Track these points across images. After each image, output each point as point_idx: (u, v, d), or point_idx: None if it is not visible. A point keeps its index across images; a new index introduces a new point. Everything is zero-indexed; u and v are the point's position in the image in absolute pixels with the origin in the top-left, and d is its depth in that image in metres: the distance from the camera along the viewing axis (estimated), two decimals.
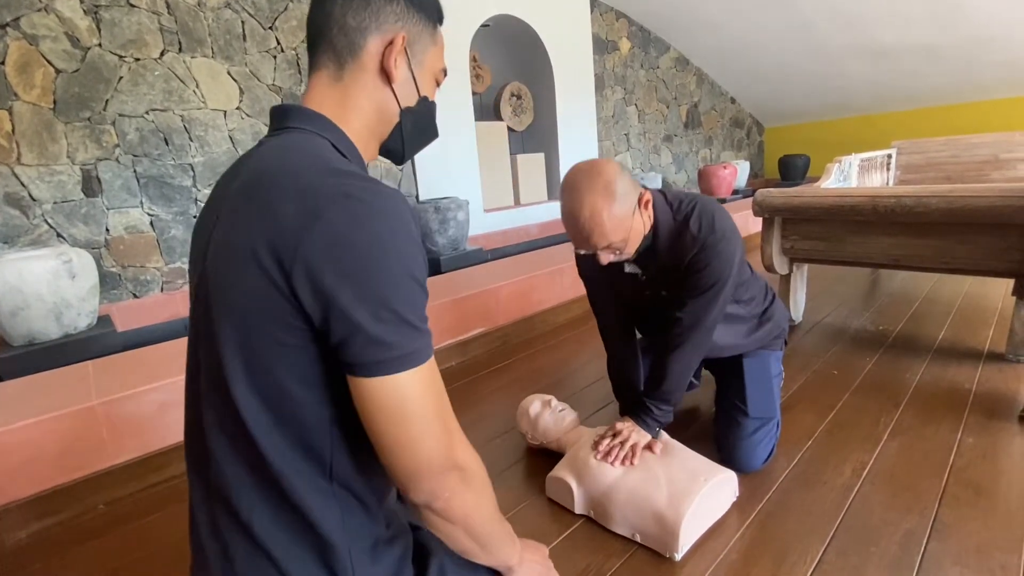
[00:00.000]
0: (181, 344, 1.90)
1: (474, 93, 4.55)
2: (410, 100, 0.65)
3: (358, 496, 0.57)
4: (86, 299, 2.25)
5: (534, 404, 1.45)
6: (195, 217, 3.02)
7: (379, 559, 0.57)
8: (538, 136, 5.26)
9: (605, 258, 1.10)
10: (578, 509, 1.19)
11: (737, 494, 1.20)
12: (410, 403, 0.51)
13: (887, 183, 3.07)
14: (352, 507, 0.56)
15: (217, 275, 0.52)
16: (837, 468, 1.29)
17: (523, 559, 0.72)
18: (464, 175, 4.34)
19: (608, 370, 1.44)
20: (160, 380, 1.53)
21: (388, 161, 3.19)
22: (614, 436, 1.22)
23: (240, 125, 3.14)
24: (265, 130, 3.22)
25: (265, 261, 0.48)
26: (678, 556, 1.03)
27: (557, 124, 5.10)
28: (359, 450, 0.56)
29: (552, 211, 5.11)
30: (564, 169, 5.21)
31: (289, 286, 0.48)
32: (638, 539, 1.09)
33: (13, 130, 2.48)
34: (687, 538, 1.04)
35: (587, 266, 1.32)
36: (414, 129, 0.68)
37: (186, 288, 3.05)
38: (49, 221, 2.59)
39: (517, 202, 4.98)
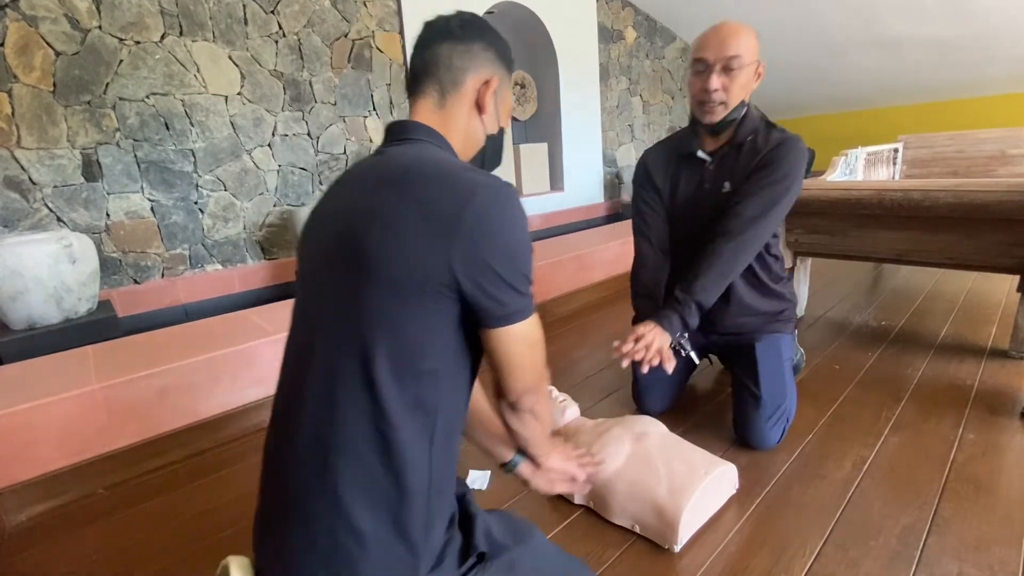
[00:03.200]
0: (181, 330, 1.89)
1: None
2: (492, 129, 0.82)
3: (443, 465, 0.66)
4: (87, 284, 2.25)
5: None
6: (196, 203, 3.01)
7: (438, 524, 0.67)
8: (541, 126, 5.22)
9: (717, 80, 1.17)
10: (578, 499, 1.20)
11: (737, 487, 1.20)
12: (522, 344, 0.68)
13: (893, 177, 3.04)
14: (436, 474, 0.65)
15: (369, 247, 0.61)
16: (837, 462, 1.29)
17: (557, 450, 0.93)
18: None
19: (633, 277, 1.44)
20: (160, 365, 1.53)
21: None
22: (636, 340, 1.17)
23: (241, 111, 3.12)
24: (266, 116, 3.20)
25: (432, 234, 0.60)
26: (677, 548, 1.03)
27: (561, 114, 5.06)
28: (454, 424, 0.69)
29: (555, 202, 5.08)
30: (567, 160, 5.17)
31: (447, 255, 0.60)
32: (637, 530, 1.09)
33: (13, 113, 2.45)
34: (686, 530, 1.04)
35: (654, 166, 1.37)
36: (492, 152, 0.84)
37: (187, 274, 3.04)
38: (49, 205, 2.58)
39: (519, 192, 4.95)
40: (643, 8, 5.73)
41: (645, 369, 1.18)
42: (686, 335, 1.28)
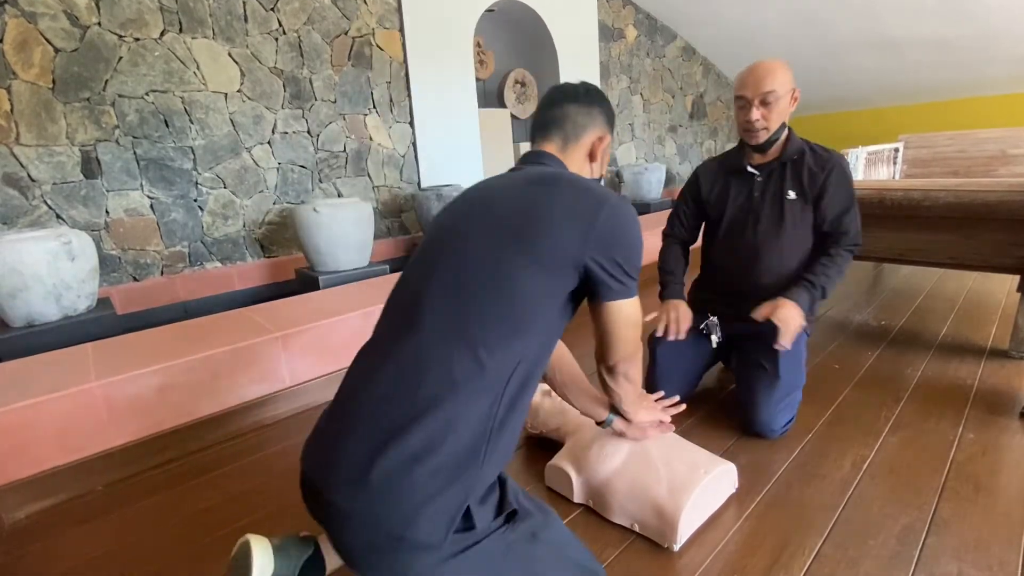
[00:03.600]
0: (181, 328, 1.89)
1: (477, 79, 4.50)
2: (598, 174, 1.03)
3: (514, 406, 0.78)
4: (86, 281, 2.25)
5: (535, 394, 1.44)
6: (195, 201, 3.01)
7: (496, 460, 0.76)
8: None
9: (757, 112, 1.36)
10: (577, 498, 1.19)
11: (736, 486, 1.20)
12: (629, 315, 0.88)
13: (893, 177, 3.04)
14: (505, 412, 0.76)
15: (523, 225, 0.79)
16: (837, 462, 1.29)
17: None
18: (466, 162, 4.31)
19: (662, 255, 1.65)
20: (159, 363, 1.53)
21: (390, 144, 3.15)
22: (769, 316, 1.34)
23: (241, 108, 3.11)
24: (266, 113, 3.20)
25: (574, 225, 0.79)
26: (676, 547, 1.03)
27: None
28: (533, 375, 0.81)
29: None
30: None
31: (583, 241, 0.78)
32: (636, 529, 1.09)
33: (12, 109, 2.45)
34: (686, 529, 1.04)
35: (704, 178, 1.58)
36: None
37: (186, 272, 3.04)
38: (48, 202, 2.58)
39: None
40: (644, 7, 5.72)
41: (787, 345, 1.32)
42: (716, 321, 1.51)
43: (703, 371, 1.63)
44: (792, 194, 1.44)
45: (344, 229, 2.82)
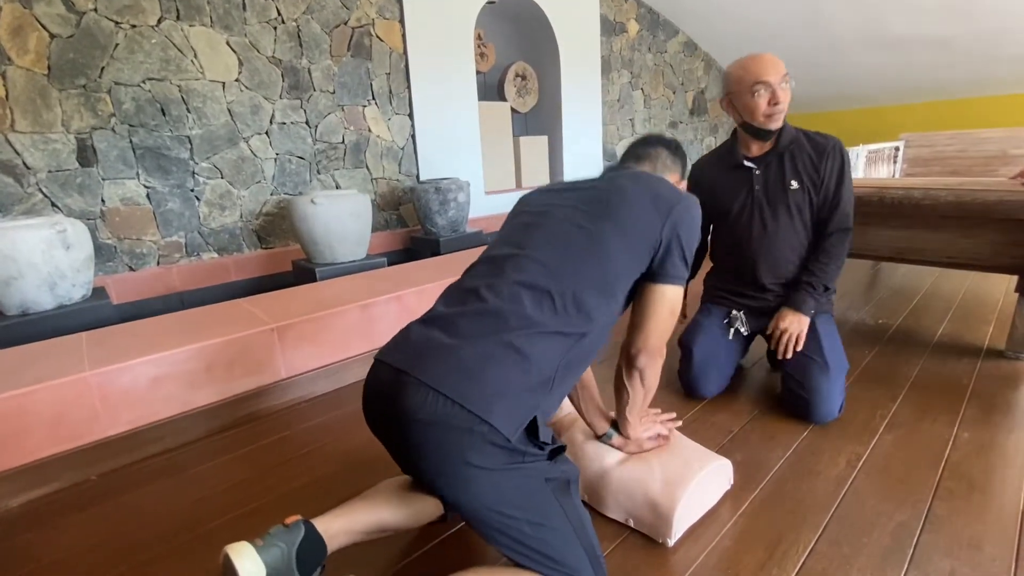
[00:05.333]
0: (176, 318, 1.88)
1: (478, 72, 4.47)
2: None
3: (576, 362, 0.89)
4: (80, 270, 2.23)
5: None
6: (192, 190, 2.99)
7: (557, 396, 0.89)
8: (542, 118, 5.20)
9: (781, 95, 1.40)
10: None
11: (731, 482, 1.19)
12: (675, 301, 0.99)
13: (893, 175, 3.04)
14: (574, 368, 0.90)
15: (616, 206, 0.96)
16: (832, 459, 1.29)
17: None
18: (466, 156, 4.29)
19: None
20: (153, 353, 1.52)
21: (389, 136, 3.12)
22: (782, 333, 1.45)
23: (239, 97, 3.08)
24: (264, 103, 3.18)
25: (655, 207, 0.96)
26: (671, 542, 1.03)
27: (562, 107, 5.03)
28: (596, 343, 0.93)
29: None
30: (567, 153, 5.14)
31: (661, 222, 0.95)
32: (631, 524, 1.09)
33: (7, 96, 2.43)
34: (680, 525, 1.04)
35: (700, 177, 1.61)
36: None
37: (182, 262, 3.02)
38: (44, 190, 2.55)
39: (519, 185, 4.92)
40: (646, 1, 5.68)
41: (789, 355, 1.44)
42: (743, 317, 1.56)
43: (736, 364, 1.65)
44: (795, 184, 1.47)
45: (341, 221, 2.81)
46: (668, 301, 0.98)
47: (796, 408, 1.46)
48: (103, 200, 2.72)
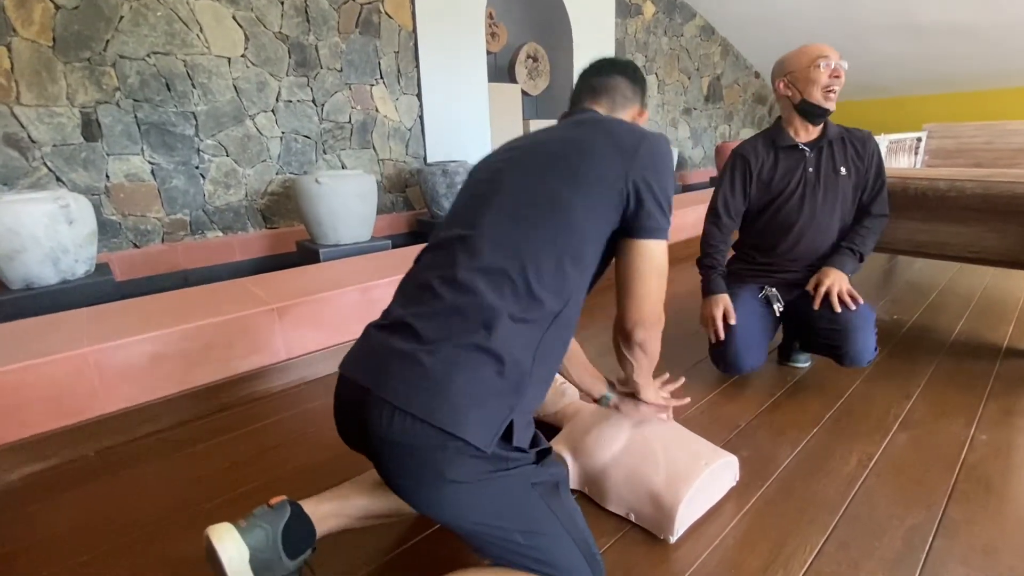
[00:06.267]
0: (178, 296, 1.86)
1: (488, 52, 4.38)
2: None
3: (553, 345, 0.80)
4: (83, 246, 2.22)
5: None
6: (197, 168, 2.96)
7: (538, 390, 0.81)
8: (553, 101, 5.10)
9: (840, 70, 1.43)
10: (572, 484, 1.16)
11: (737, 479, 1.16)
12: (657, 262, 0.87)
13: (914, 167, 2.94)
14: (552, 354, 0.81)
15: (573, 158, 0.84)
16: (843, 458, 1.25)
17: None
18: (474, 137, 4.22)
19: (708, 244, 1.63)
20: (152, 331, 1.50)
21: (396, 117, 3.06)
22: (816, 287, 1.47)
23: (245, 74, 3.03)
24: (270, 80, 3.13)
25: (616, 156, 0.83)
26: (673, 539, 1.00)
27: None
28: (572, 318, 0.83)
29: None
30: None
31: (625, 172, 0.82)
32: (632, 519, 1.06)
33: (12, 68, 2.39)
34: (683, 521, 1.01)
35: (753, 155, 1.57)
36: None
37: (187, 240, 3.00)
38: (49, 164, 2.53)
39: None
40: None
41: (837, 307, 1.43)
42: (775, 291, 1.58)
43: (771, 340, 1.64)
44: (843, 170, 1.52)
45: (346, 202, 2.77)
46: (653, 260, 0.86)
47: (830, 348, 1.47)
48: (108, 175, 2.70)
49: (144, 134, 2.76)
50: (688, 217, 3.40)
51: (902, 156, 2.77)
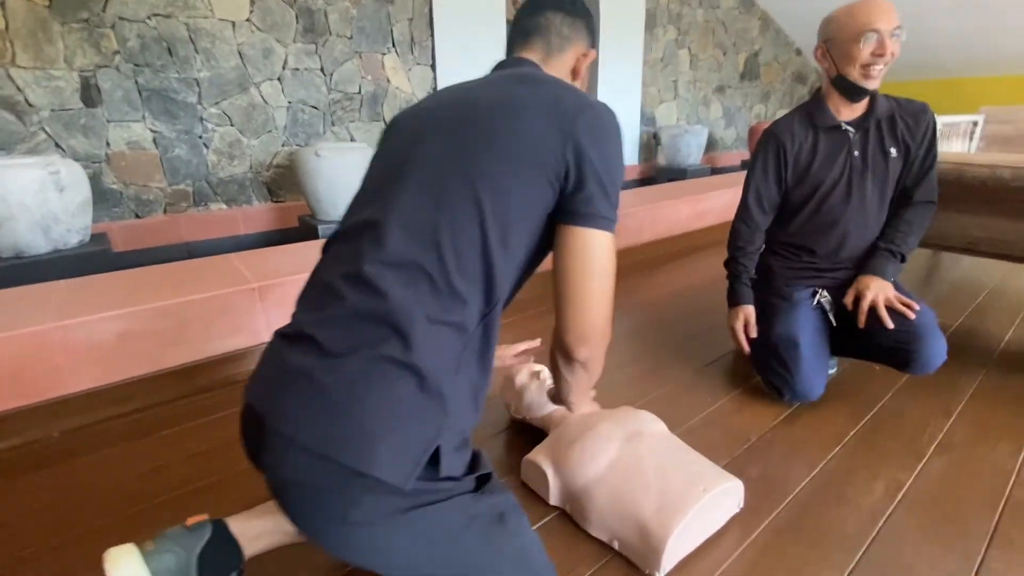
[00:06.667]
0: (157, 271, 1.77)
1: (508, 21, 4.15)
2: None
3: (485, 346, 0.69)
4: (76, 215, 2.16)
5: (521, 374, 1.28)
6: (200, 137, 2.87)
7: (470, 410, 0.68)
8: None
9: (892, 47, 1.20)
10: (552, 500, 1.04)
11: (741, 505, 1.02)
12: (599, 258, 0.71)
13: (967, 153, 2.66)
14: (482, 362, 0.69)
15: (500, 123, 0.70)
16: (866, 485, 1.09)
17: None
18: None
19: (738, 238, 1.47)
20: (124, 308, 1.41)
21: (409, 88, 2.90)
22: (857, 300, 1.29)
23: (250, 39, 2.91)
24: (276, 46, 3.00)
25: (553, 122, 0.69)
26: (660, 575, 0.87)
27: (598, 64, 4.67)
28: (497, 322, 0.72)
29: None
30: None
31: (563, 141, 0.68)
32: (616, 547, 0.93)
33: (7, 27, 2.32)
34: (672, 556, 0.88)
35: (788, 137, 1.37)
36: None
37: (190, 212, 2.94)
38: (47, 130, 2.48)
39: None
40: None
41: (889, 324, 1.24)
42: (828, 296, 1.39)
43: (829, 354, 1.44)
44: (894, 151, 1.33)
45: (347, 176, 2.65)
46: (592, 254, 0.70)
47: (898, 353, 1.28)
48: (108, 143, 2.63)
49: (145, 101, 2.68)
50: (715, 201, 3.18)
51: (955, 141, 2.50)
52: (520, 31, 0.88)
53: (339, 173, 2.64)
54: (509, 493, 0.72)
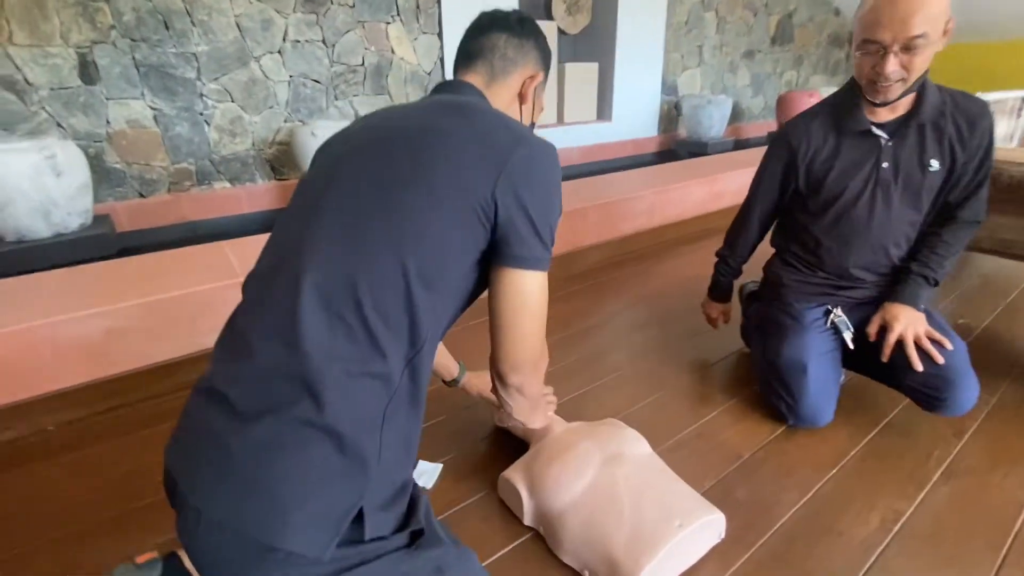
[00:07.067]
0: (146, 261, 1.76)
1: None
2: (527, 120, 0.90)
3: (415, 391, 0.66)
4: (75, 198, 2.15)
5: None
6: (201, 114, 2.82)
7: (399, 467, 0.65)
8: (593, 42, 4.61)
9: (892, 65, 1.00)
10: (527, 521, 1.01)
11: (722, 536, 0.97)
12: (532, 297, 0.73)
13: (1012, 137, 2.44)
14: (412, 405, 0.66)
15: (426, 158, 0.66)
16: (861, 514, 1.03)
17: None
18: None
19: (733, 236, 1.43)
20: (112, 304, 1.41)
21: (415, 59, 2.78)
22: (894, 334, 1.14)
23: (247, 10, 2.81)
24: (276, 17, 2.89)
25: (484, 159, 0.66)
26: None
27: (617, 28, 4.42)
28: (428, 362, 0.68)
29: (599, 133, 4.59)
30: (619, 84, 4.58)
31: (493, 180, 0.66)
32: None
33: (2, 4, 2.27)
34: None
35: (804, 140, 1.21)
36: None
37: (193, 191, 2.92)
38: (47, 109, 2.45)
39: (560, 120, 4.48)
40: None
41: (918, 366, 1.11)
42: (843, 317, 1.25)
43: (841, 378, 1.32)
44: (935, 163, 1.13)
45: None
46: (524, 296, 0.72)
47: (924, 397, 1.16)
48: (108, 121, 2.61)
49: (143, 77, 2.63)
50: (734, 182, 3.03)
51: (1001, 120, 2.29)
52: (464, 53, 0.85)
53: None
54: (448, 545, 0.68)
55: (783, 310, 1.31)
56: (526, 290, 0.72)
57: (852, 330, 1.24)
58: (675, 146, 5.07)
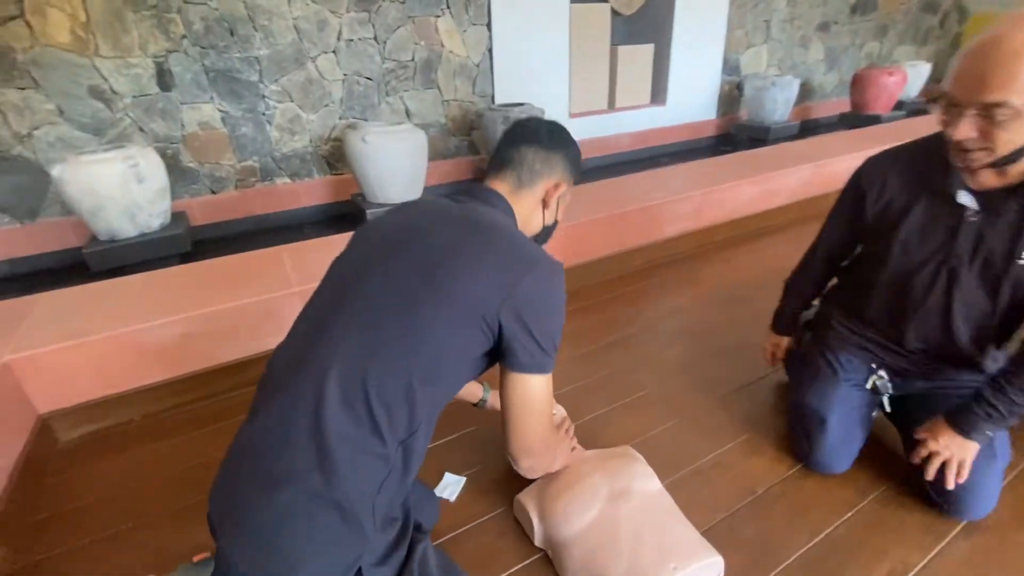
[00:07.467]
0: (210, 268, 1.94)
1: None
2: (549, 221, 1.00)
3: (407, 466, 0.76)
4: (155, 201, 2.39)
5: None
6: (264, 114, 3.00)
7: (388, 527, 0.77)
8: (649, 22, 4.42)
9: (966, 131, 0.82)
10: (537, 543, 1.09)
11: None
12: (535, 396, 0.83)
13: None
14: (398, 474, 0.75)
15: (446, 269, 0.75)
16: (870, 564, 1.03)
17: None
18: (550, 71, 3.83)
19: (798, 275, 1.38)
20: (183, 312, 1.59)
21: (464, 52, 2.83)
22: (936, 455, 1.04)
23: (304, 12, 2.93)
24: (330, 18, 2.99)
25: (493, 283, 0.76)
26: None
27: (675, 6, 4.21)
28: (424, 439, 0.79)
29: (653, 118, 4.45)
30: (675, 66, 4.39)
31: (502, 301, 0.75)
32: None
33: (88, 20, 2.50)
34: None
35: (879, 187, 1.06)
36: (544, 238, 1.03)
37: (258, 187, 3.14)
38: (130, 115, 2.70)
39: (611, 106, 4.37)
40: None
41: (950, 484, 1.03)
42: (886, 378, 1.18)
43: (868, 433, 1.23)
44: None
45: (393, 160, 2.68)
46: (527, 396, 0.82)
47: (941, 496, 1.09)
48: (183, 124, 2.83)
49: (212, 82, 2.82)
50: (790, 177, 2.87)
51: None
52: (496, 161, 0.95)
53: (385, 158, 2.68)
54: None
55: (824, 351, 1.25)
56: (528, 391, 0.82)
57: (891, 393, 1.18)
58: (734, 130, 4.83)
